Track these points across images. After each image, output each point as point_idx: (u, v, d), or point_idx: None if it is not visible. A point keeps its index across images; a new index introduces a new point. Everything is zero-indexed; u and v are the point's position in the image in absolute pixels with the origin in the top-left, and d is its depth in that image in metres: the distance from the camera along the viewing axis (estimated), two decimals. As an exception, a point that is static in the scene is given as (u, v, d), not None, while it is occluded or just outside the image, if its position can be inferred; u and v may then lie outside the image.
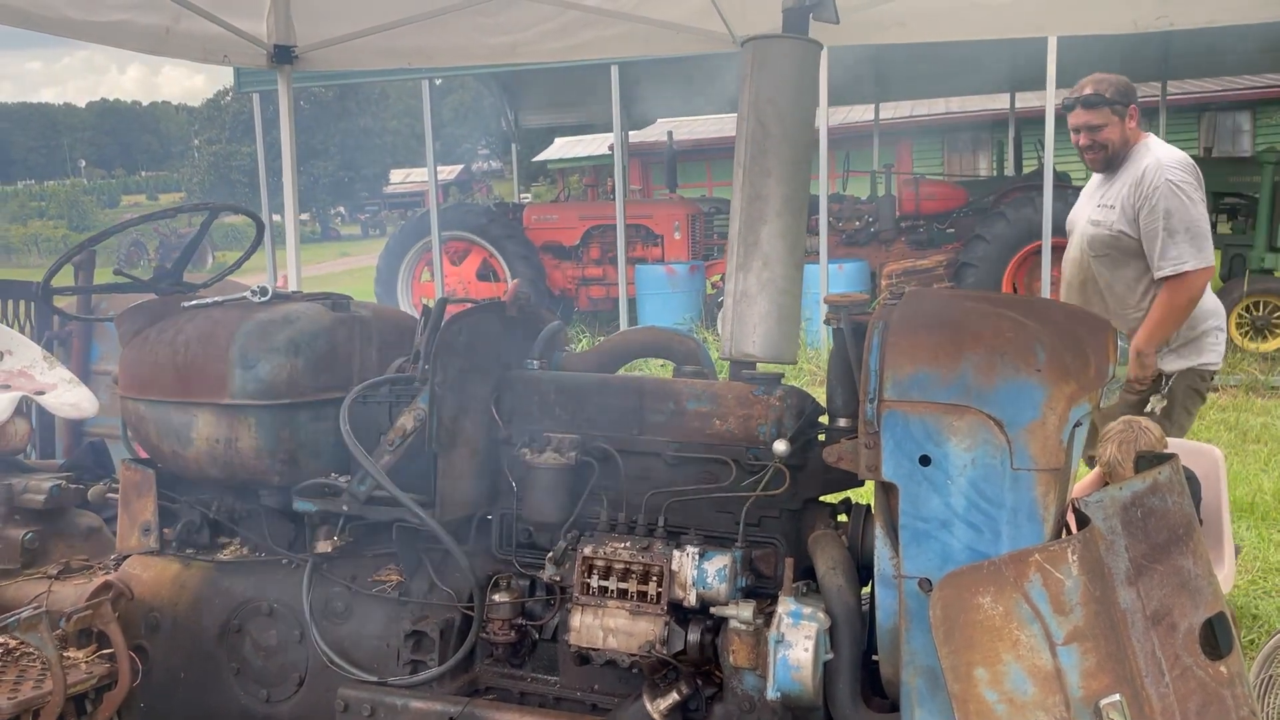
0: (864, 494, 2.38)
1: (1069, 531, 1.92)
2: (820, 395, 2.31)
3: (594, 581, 2.13)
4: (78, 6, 3.68)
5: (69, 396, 3.17)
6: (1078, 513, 1.88)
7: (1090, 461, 3.43)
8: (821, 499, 2.25)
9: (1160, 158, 3.78)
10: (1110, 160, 3.91)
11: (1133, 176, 3.80)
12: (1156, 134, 4.05)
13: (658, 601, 2.08)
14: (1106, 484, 3.39)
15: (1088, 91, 3.86)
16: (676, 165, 14.28)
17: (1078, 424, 1.84)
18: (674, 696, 2.12)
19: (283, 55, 4.51)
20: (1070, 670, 1.71)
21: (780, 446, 2.09)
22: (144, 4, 3.89)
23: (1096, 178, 4.09)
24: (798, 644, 1.93)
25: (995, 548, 1.78)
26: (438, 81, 12.80)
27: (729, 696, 2.08)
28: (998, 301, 2.04)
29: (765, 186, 2.52)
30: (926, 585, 1.81)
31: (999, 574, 1.72)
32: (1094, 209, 3.96)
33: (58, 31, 3.68)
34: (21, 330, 3.62)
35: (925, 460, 1.81)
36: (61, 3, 3.63)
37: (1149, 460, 2.28)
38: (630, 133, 14.76)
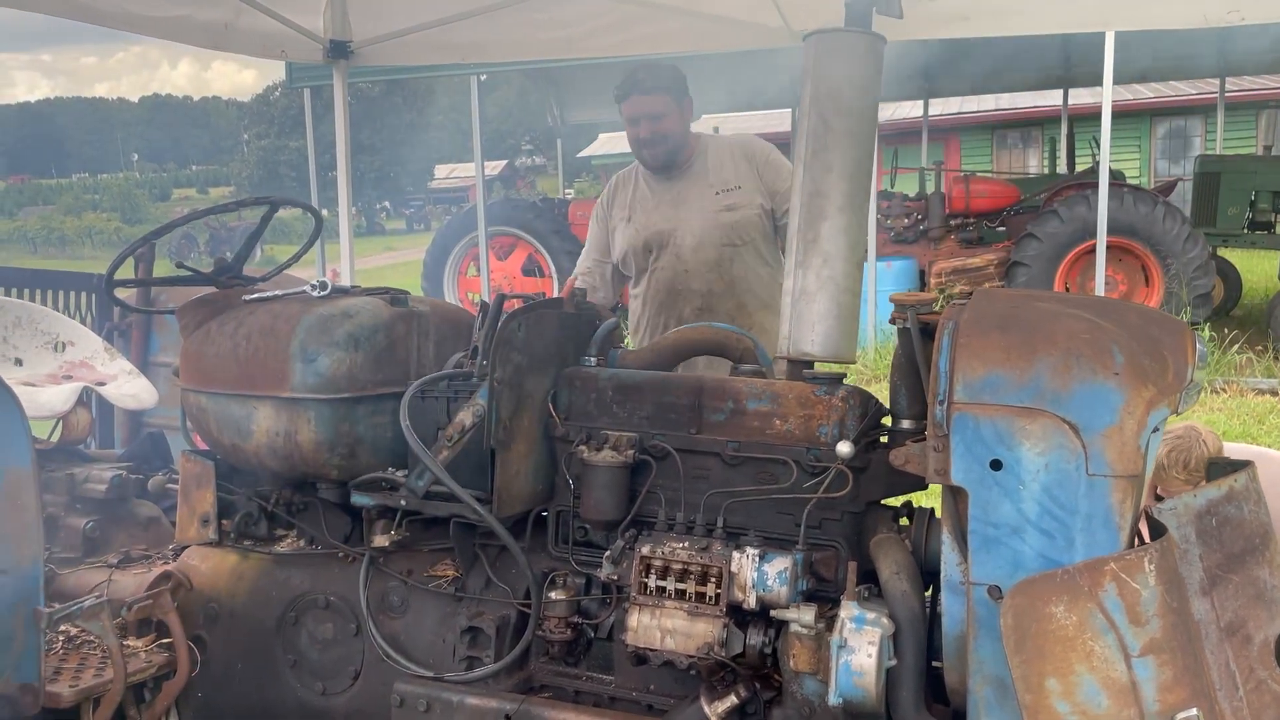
0: (924, 497, 2.34)
1: (1140, 540, 1.87)
2: (874, 394, 2.27)
3: (652, 581, 2.10)
4: (141, 2, 3.72)
5: (129, 388, 3.21)
6: (1150, 520, 1.83)
7: None
8: (883, 502, 2.21)
9: (743, 136, 3.60)
10: (672, 156, 3.51)
11: (731, 156, 3.50)
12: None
13: (716, 603, 2.05)
14: (1155, 488, 3.32)
15: (642, 76, 3.48)
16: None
17: (1155, 429, 1.79)
18: (732, 699, 2.09)
19: (338, 50, 4.54)
20: (1146, 683, 1.66)
21: (844, 448, 2.05)
22: (204, 0, 3.94)
23: (644, 183, 3.62)
24: (861, 649, 1.90)
25: (1069, 556, 1.74)
26: (483, 77, 12.84)
27: (788, 701, 2.05)
28: (1070, 302, 1.99)
29: (826, 182, 2.48)
30: (996, 593, 1.77)
31: (1073, 583, 1.68)
32: (711, 200, 3.51)
33: (120, 26, 3.73)
34: (83, 322, 3.68)
35: (996, 464, 1.77)
36: (125, -2, 3.68)
37: (1222, 467, 2.22)
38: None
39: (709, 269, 3.54)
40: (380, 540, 2.42)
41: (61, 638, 2.52)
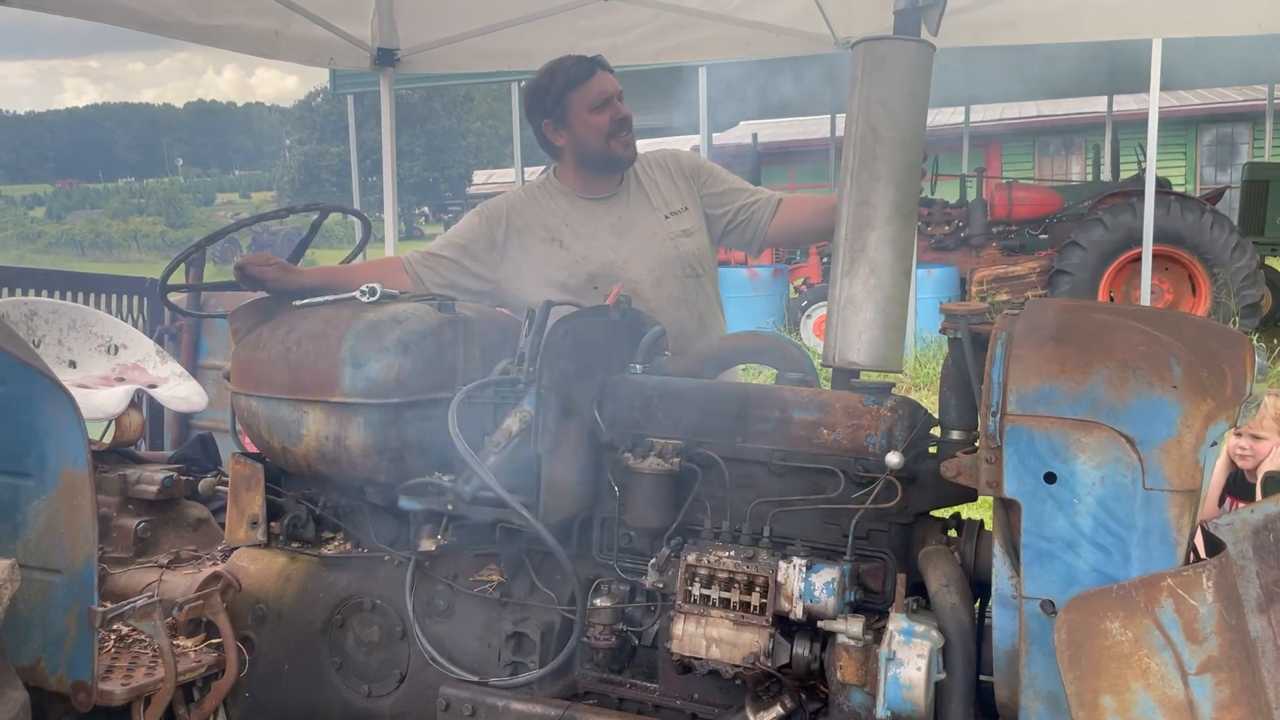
0: (969, 509, 2.31)
1: (1196, 555, 1.84)
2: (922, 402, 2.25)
3: (697, 590, 2.10)
4: (195, 11, 3.80)
5: (179, 390, 3.26)
6: (1206, 535, 1.80)
7: None
8: (932, 514, 2.19)
9: (661, 151, 3.18)
10: (635, 153, 3.03)
11: (665, 173, 3.07)
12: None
13: (762, 613, 2.04)
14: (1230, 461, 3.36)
15: (591, 56, 3.00)
16: (760, 167, 14.20)
17: (1213, 443, 1.76)
18: (777, 710, 2.08)
19: (385, 58, 4.59)
20: (1203, 701, 1.63)
21: (894, 459, 2.03)
22: (256, 8, 4.00)
23: (566, 203, 3.04)
24: (910, 662, 1.88)
25: (1124, 571, 1.71)
26: (522, 84, 12.92)
27: (834, 713, 2.03)
28: (1126, 313, 1.96)
29: (874, 191, 2.47)
30: (1049, 608, 1.75)
31: (1129, 598, 1.65)
32: (660, 225, 3.01)
33: (172, 34, 3.80)
34: (134, 325, 3.75)
35: (1050, 477, 1.74)
36: (180, 7, 3.75)
37: (1278, 481, 2.17)
38: (713, 135, 14.71)
39: (676, 306, 3.00)
40: (426, 544, 2.43)
41: (113, 636, 2.56)
